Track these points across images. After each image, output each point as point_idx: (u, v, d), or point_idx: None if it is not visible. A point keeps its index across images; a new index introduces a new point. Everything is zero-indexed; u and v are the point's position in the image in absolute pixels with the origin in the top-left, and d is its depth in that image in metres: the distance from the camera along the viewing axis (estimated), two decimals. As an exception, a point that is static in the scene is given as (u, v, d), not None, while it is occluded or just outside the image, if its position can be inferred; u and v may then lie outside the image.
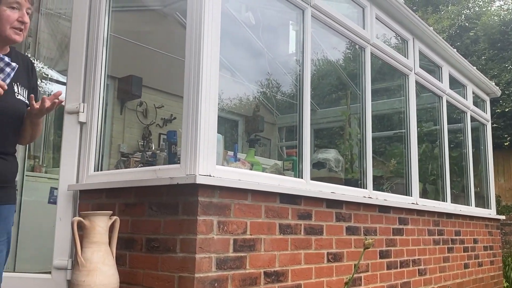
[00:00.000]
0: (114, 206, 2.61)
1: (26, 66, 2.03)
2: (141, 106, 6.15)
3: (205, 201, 2.29)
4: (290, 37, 5.99)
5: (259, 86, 7.37)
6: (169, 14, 5.80)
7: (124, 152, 5.73)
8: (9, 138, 1.90)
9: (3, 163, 1.88)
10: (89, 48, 2.94)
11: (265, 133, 7.34)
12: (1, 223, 1.90)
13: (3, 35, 1.85)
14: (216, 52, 2.47)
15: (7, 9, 1.83)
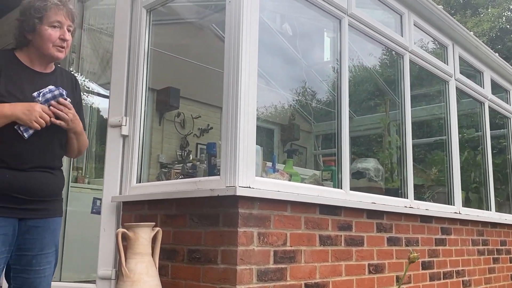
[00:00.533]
0: (156, 217, 2.66)
1: (70, 82, 2.10)
2: (179, 117, 6.26)
3: (245, 213, 2.31)
4: (324, 44, 5.97)
5: (294, 94, 7.37)
6: (205, 26, 5.89)
7: (163, 162, 5.84)
8: (56, 153, 1.97)
9: (51, 177, 1.95)
10: (131, 63, 3.03)
11: (301, 142, 7.31)
12: (49, 236, 1.97)
13: (46, 53, 1.92)
14: (254, 65, 2.49)
15: (49, 28, 1.89)
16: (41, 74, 1.96)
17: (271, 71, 6.52)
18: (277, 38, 5.91)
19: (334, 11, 3.16)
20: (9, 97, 1.81)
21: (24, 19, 1.90)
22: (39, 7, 1.88)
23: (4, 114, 1.76)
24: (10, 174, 1.80)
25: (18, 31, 1.93)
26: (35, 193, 1.87)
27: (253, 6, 2.49)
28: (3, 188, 1.79)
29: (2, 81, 1.82)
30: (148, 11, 3.05)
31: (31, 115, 1.77)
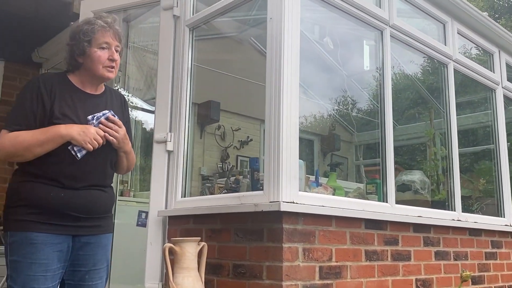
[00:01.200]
0: (201, 231, 2.69)
1: (119, 102, 2.16)
2: (219, 130, 6.33)
3: (289, 228, 2.31)
4: (364, 53, 5.91)
5: (334, 104, 7.31)
6: (244, 39, 5.96)
7: (204, 175, 5.92)
8: (107, 172, 2.04)
9: (103, 195, 2.01)
10: (175, 80, 3.10)
11: (342, 152, 7.24)
12: (101, 252, 2.03)
13: (97, 74, 1.98)
14: (295, 80, 2.51)
15: (98, 49, 1.95)
16: (92, 96, 2.03)
17: (309, 80, 6.50)
18: (315, 48, 5.91)
19: (376, 22, 3.13)
20: (64, 119, 1.87)
21: (74, 43, 1.97)
22: (87, 30, 1.95)
23: (60, 134, 1.83)
24: (65, 193, 1.87)
25: (69, 55, 2.00)
26: (89, 210, 1.93)
27: (294, 23, 2.51)
28: (59, 206, 1.85)
29: (57, 103, 1.89)
30: (190, 29, 3.12)
31: (86, 136, 1.84)
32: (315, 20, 5.88)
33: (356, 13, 3.03)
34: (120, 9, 3.47)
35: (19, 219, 1.84)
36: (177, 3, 3.16)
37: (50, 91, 1.89)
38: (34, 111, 1.86)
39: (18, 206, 1.86)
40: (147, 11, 3.58)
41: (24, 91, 1.92)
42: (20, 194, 1.87)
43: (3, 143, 1.83)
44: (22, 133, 1.83)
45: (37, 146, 1.82)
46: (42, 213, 1.84)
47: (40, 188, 1.86)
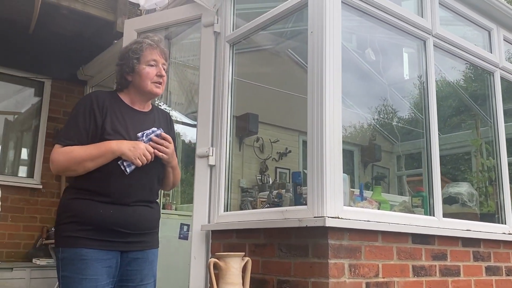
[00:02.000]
0: (245, 246, 2.69)
1: (165, 120, 2.22)
2: (257, 142, 6.35)
3: (335, 244, 2.27)
4: (403, 61, 5.81)
5: (374, 113, 7.20)
6: (281, 51, 5.97)
7: (243, 187, 5.94)
8: (154, 188, 2.08)
9: (150, 211, 2.05)
10: (216, 95, 3.14)
11: (383, 162, 7.10)
12: (148, 267, 2.06)
13: (146, 90, 2.05)
14: (338, 94, 2.49)
15: (146, 66, 2.03)
16: (141, 113, 2.09)
17: (348, 90, 6.42)
18: (352, 57, 5.85)
19: (418, 32, 3.08)
20: (115, 135, 1.93)
21: (123, 62, 2.05)
22: (135, 49, 2.03)
23: (112, 150, 1.88)
24: (114, 209, 1.91)
25: (119, 75, 2.08)
26: (137, 226, 1.97)
27: (335, 37, 2.49)
28: (108, 223, 1.90)
29: (108, 120, 1.95)
30: (231, 45, 3.16)
31: (136, 152, 1.89)
32: (352, 29, 5.84)
33: (397, 23, 2.98)
34: (162, 27, 3.55)
35: (69, 235, 1.89)
36: (218, 19, 3.21)
37: (102, 107, 1.95)
38: (86, 127, 1.92)
39: (68, 222, 1.92)
40: (187, 28, 3.65)
41: (77, 107, 1.99)
42: (70, 211, 1.93)
43: (57, 158, 1.90)
44: (75, 148, 1.89)
45: (89, 161, 1.88)
46: (92, 230, 1.88)
47: (89, 205, 1.90)
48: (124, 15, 4.31)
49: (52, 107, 5.05)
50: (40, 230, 4.66)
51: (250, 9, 3.81)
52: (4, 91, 5.08)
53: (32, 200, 4.73)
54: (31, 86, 5.13)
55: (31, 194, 4.74)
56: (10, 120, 5.19)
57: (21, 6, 4.16)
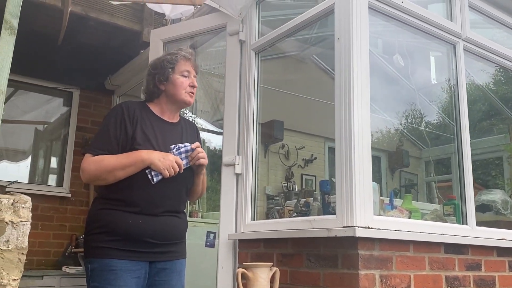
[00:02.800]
0: (272, 256, 2.66)
1: (192, 130, 2.25)
2: (283, 149, 6.32)
3: (365, 254, 2.22)
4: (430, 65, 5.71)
5: (401, 118, 7.08)
6: (306, 58, 5.94)
7: (269, 194, 5.91)
8: (182, 199, 2.09)
9: (178, 221, 2.06)
10: (241, 104, 3.13)
11: (411, 168, 6.98)
12: (176, 277, 2.06)
13: (179, 98, 2.09)
14: (366, 100, 2.45)
15: (180, 76, 2.08)
16: (170, 123, 2.12)
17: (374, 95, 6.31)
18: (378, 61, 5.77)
19: (447, 36, 3.01)
20: (145, 145, 1.95)
21: (157, 71, 2.10)
22: (171, 59, 2.09)
23: (142, 159, 1.90)
24: (143, 220, 1.92)
25: (151, 84, 2.12)
26: (165, 237, 1.98)
27: (363, 43, 2.45)
28: (137, 233, 1.91)
29: (138, 130, 1.97)
30: (256, 53, 3.15)
31: (165, 162, 1.90)
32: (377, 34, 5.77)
33: (424, 27, 2.92)
34: (188, 37, 3.57)
35: (99, 246, 1.91)
36: (243, 28, 3.21)
37: (132, 117, 1.98)
38: (117, 137, 1.95)
39: (97, 233, 1.94)
40: (213, 36, 3.66)
41: (108, 117, 2.02)
42: (99, 221, 1.95)
43: (88, 166, 1.92)
44: (105, 157, 1.91)
45: (120, 170, 1.89)
46: (121, 240, 1.90)
47: (118, 215, 1.92)
48: (150, 25, 4.36)
49: (80, 116, 5.14)
50: (69, 238, 4.73)
51: (275, 16, 3.81)
52: (34, 102, 5.19)
53: (61, 208, 4.81)
54: (60, 96, 5.23)
55: (61, 203, 4.82)
56: (40, 129, 5.30)
57: (50, 19, 4.26)
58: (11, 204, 1.78)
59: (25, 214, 1.80)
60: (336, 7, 2.55)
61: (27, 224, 1.81)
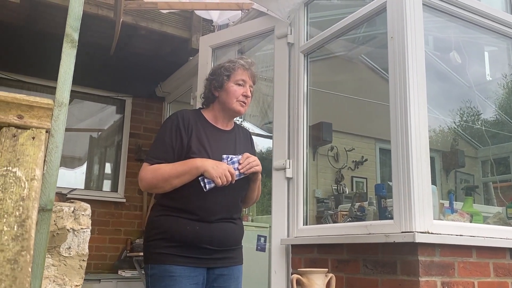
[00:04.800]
0: (327, 261, 2.61)
1: (245, 137, 2.24)
2: (332, 151, 6.23)
3: (426, 261, 2.14)
4: (485, 61, 5.46)
5: (455, 116, 6.82)
6: (354, 57, 5.84)
7: (319, 197, 5.84)
8: (237, 206, 2.10)
9: (234, 227, 2.06)
10: (291, 107, 3.10)
11: (466, 168, 6.70)
12: (233, 283, 2.06)
13: (231, 107, 2.07)
14: (423, 100, 2.36)
15: (234, 85, 2.06)
16: (223, 131, 2.12)
17: (427, 93, 6.13)
18: (429, 58, 5.59)
19: (507, 30, 2.86)
20: (199, 153, 1.96)
21: (213, 77, 2.11)
22: (228, 67, 2.08)
23: (196, 166, 1.91)
24: (200, 226, 1.93)
25: (207, 89, 2.13)
26: (222, 243, 1.98)
27: (418, 41, 2.37)
28: (194, 240, 1.92)
29: (193, 139, 1.99)
30: (305, 55, 3.11)
31: (218, 170, 1.90)
32: (428, 30, 5.59)
33: (482, 22, 2.78)
34: (236, 42, 3.59)
35: (158, 252, 1.93)
36: (291, 30, 3.18)
37: (187, 126, 2.00)
38: (173, 146, 1.97)
39: (157, 239, 1.96)
40: (261, 40, 3.66)
41: (164, 126, 2.05)
42: (158, 227, 1.97)
43: (145, 175, 1.96)
44: (162, 165, 1.94)
45: (175, 178, 1.91)
46: (179, 246, 1.91)
47: (176, 222, 1.94)
48: (199, 32, 4.42)
49: (133, 123, 5.28)
50: (124, 242, 4.85)
51: (323, 17, 3.76)
52: (88, 110, 5.38)
53: (116, 213, 4.95)
54: (113, 104, 5.39)
55: (116, 208, 4.97)
56: (95, 137, 5.49)
57: (102, 29, 4.41)
58: (71, 212, 1.84)
59: (85, 221, 1.85)
60: (388, 5, 2.48)
61: (87, 231, 1.86)
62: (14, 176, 0.83)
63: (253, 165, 2.00)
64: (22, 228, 0.71)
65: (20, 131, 0.97)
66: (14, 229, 0.71)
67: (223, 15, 4.18)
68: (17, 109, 0.99)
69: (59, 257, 1.79)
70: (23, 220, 0.72)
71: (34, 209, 0.74)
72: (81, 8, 1.09)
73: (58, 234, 1.81)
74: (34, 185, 0.81)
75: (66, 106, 1.04)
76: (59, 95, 1.03)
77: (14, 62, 4.64)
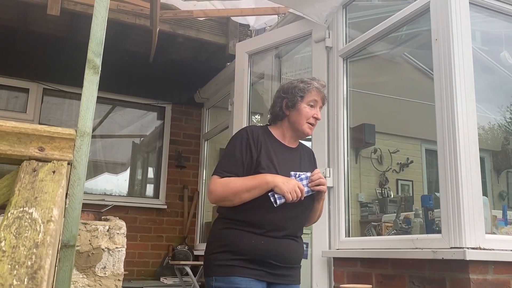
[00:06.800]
0: (371, 276, 2.50)
1: (309, 156, 2.20)
2: (375, 153, 6.05)
3: (477, 279, 1.99)
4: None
5: (505, 113, 6.48)
6: (396, 56, 5.65)
7: (362, 201, 5.67)
8: (302, 224, 2.06)
9: (296, 245, 2.01)
10: (330, 112, 3.00)
11: (519, 169, 6.34)
12: None
13: (300, 128, 2.05)
14: (472, 104, 2.22)
15: (307, 106, 2.03)
16: (290, 149, 2.09)
17: (476, 90, 5.85)
18: (477, 54, 5.32)
19: None
20: (268, 169, 1.94)
21: (286, 96, 2.07)
22: (303, 88, 2.05)
23: (266, 181, 1.89)
24: (265, 241, 1.90)
25: (278, 106, 2.09)
26: (285, 260, 1.95)
27: (465, 42, 2.22)
28: (260, 253, 1.89)
29: (263, 154, 1.97)
30: (344, 59, 3.00)
31: (289, 186, 1.87)
32: (475, 25, 5.32)
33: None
34: (272, 47, 3.52)
35: (223, 264, 1.92)
36: (329, 34, 3.08)
37: (257, 142, 1.99)
38: (243, 160, 1.96)
39: (221, 251, 1.94)
40: (298, 44, 3.57)
41: (234, 140, 2.05)
42: (223, 240, 1.95)
43: (215, 188, 1.95)
44: (232, 179, 1.93)
45: (245, 192, 1.90)
46: (244, 260, 1.90)
47: (242, 235, 1.92)
48: (235, 38, 4.38)
49: (173, 130, 5.30)
50: (166, 249, 4.88)
51: (362, 17, 3.62)
52: (130, 117, 5.45)
53: (158, 220, 4.99)
54: (154, 110, 5.44)
55: (157, 214, 5.00)
56: (137, 142, 5.56)
57: (141, 38, 4.45)
58: (106, 230, 1.82)
59: (120, 240, 1.83)
60: (432, 5, 2.34)
61: (122, 250, 1.84)
62: (30, 218, 0.79)
63: (322, 183, 1.97)
64: (33, 281, 0.66)
65: (41, 165, 0.94)
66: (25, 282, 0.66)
67: (259, 19, 4.12)
68: (38, 141, 0.96)
69: (94, 277, 1.78)
70: (34, 272, 0.67)
71: (48, 256, 0.69)
72: (103, 33, 1.05)
73: (93, 254, 1.80)
74: (50, 228, 0.76)
75: (89, 135, 0.99)
76: (81, 124, 0.99)
77: (56, 72, 4.76)
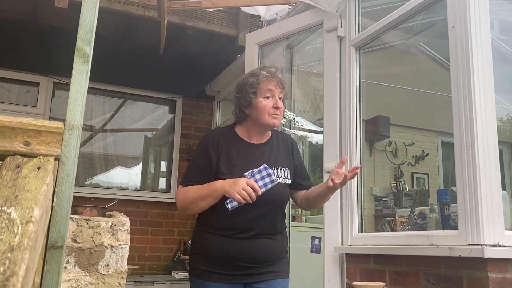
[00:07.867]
0: (384, 273, 2.42)
1: (286, 145, 2.14)
2: (390, 146, 5.93)
3: (496, 278, 1.90)
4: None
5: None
6: (411, 46, 5.51)
7: (377, 195, 5.57)
8: (276, 221, 2.01)
9: (270, 243, 1.97)
10: (342, 104, 2.92)
11: (539, 162, 6.17)
12: None
13: (264, 123, 2.00)
14: (490, 95, 2.11)
15: (263, 99, 1.98)
16: (257, 146, 2.05)
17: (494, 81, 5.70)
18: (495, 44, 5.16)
19: None
20: (228, 173, 1.92)
21: (241, 96, 2.03)
22: (252, 82, 2.00)
23: (216, 188, 1.88)
24: (231, 243, 1.89)
25: (237, 108, 2.06)
26: (256, 260, 1.92)
27: (483, 30, 2.11)
28: (226, 256, 1.89)
29: (223, 159, 1.96)
30: (357, 49, 2.91)
31: (235, 187, 1.81)
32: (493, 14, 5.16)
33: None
34: (283, 37, 3.43)
35: (196, 266, 1.97)
36: (341, 23, 2.98)
37: (217, 148, 1.98)
38: (204, 168, 1.97)
39: (195, 254, 2.00)
40: (309, 34, 3.48)
41: (196, 149, 2.10)
42: (196, 242, 2.02)
43: (178, 197, 2.00)
44: (191, 188, 1.96)
45: (200, 200, 1.92)
46: (213, 263, 1.91)
47: (210, 238, 1.94)
48: (246, 29, 4.30)
49: (184, 123, 5.25)
50: (177, 243, 4.85)
51: (376, 6, 3.51)
52: (141, 111, 5.41)
53: (169, 214, 4.95)
54: (165, 104, 5.39)
55: (169, 208, 4.96)
56: (149, 136, 5.52)
57: (150, 30, 4.39)
58: (109, 227, 1.77)
59: (124, 237, 1.78)
60: (449, -9, 2.23)
61: (125, 247, 1.79)
62: (8, 218, 0.73)
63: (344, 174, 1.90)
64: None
65: (26, 160, 0.88)
66: (-6, 290, 0.60)
67: (270, 10, 4.03)
68: (23, 135, 0.90)
69: (97, 275, 1.73)
70: (6, 279, 0.61)
71: (24, 261, 0.63)
72: (94, 19, 0.98)
73: (95, 251, 1.75)
74: (29, 230, 0.70)
75: (78, 129, 0.93)
76: (69, 117, 0.93)
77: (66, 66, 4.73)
